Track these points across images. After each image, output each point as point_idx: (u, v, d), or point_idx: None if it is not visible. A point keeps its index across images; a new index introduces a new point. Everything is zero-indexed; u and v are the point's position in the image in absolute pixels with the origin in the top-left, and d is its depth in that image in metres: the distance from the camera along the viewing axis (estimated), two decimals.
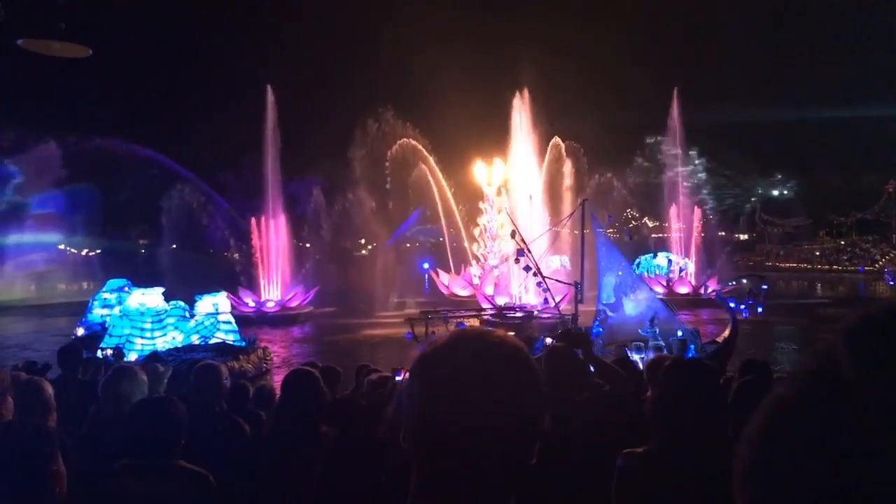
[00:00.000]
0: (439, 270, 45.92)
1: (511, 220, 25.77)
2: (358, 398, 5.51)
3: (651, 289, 22.64)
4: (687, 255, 49.17)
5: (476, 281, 41.82)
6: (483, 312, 25.91)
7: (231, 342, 20.95)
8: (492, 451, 1.08)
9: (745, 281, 35.12)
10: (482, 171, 43.36)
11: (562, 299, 35.31)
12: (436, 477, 1.12)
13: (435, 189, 47.94)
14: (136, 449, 3.08)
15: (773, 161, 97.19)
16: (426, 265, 48.95)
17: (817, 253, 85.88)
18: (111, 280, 26.77)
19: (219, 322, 21.17)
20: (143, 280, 28.16)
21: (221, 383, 5.36)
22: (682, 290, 42.59)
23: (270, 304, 39.38)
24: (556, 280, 25.24)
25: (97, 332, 23.80)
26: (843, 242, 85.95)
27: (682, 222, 52.06)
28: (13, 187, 53.56)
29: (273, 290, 42.12)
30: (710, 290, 43.63)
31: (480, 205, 43.58)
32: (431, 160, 47.46)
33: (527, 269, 21.74)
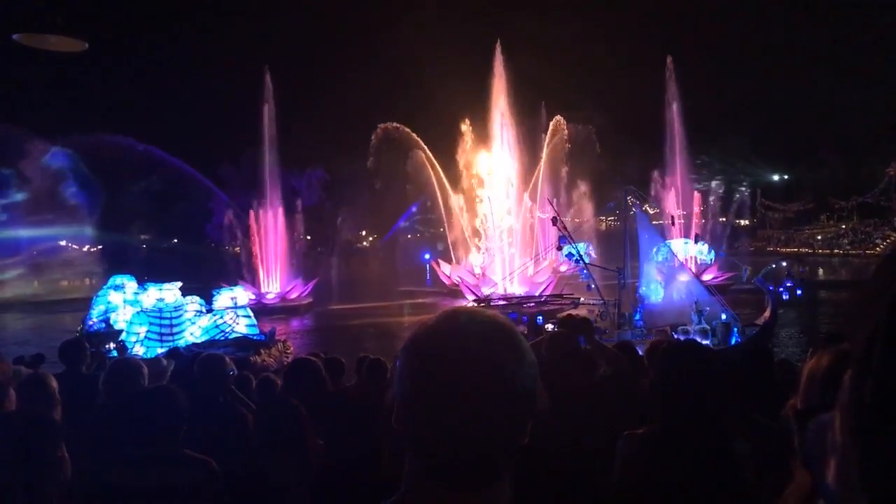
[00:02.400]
0: (440, 261, 45.96)
1: (552, 206, 25.74)
2: (352, 392, 5.53)
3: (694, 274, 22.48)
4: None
5: (478, 270, 41.86)
6: (531, 300, 25.96)
7: (252, 336, 20.69)
8: (484, 430, 1.06)
9: (784, 264, 35.32)
10: (483, 161, 43.31)
11: (547, 287, 35.42)
12: (428, 458, 1.10)
13: (433, 180, 47.90)
14: (138, 438, 3.10)
15: (774, 145, 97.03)
16: (427, 255, 49.00)
17: (818, 237, 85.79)
18: (115, 276, 26.75)
19: (238, 316, 20.93)
20: (145, 275, 28.15)
21: (225, 374, 5.39)
22: (683, 277, 42.46)
23: (271, 296, 39.49)
24: (601, 267, 25.43)
25: (101, 330, 23.74)
26: (844, 227, 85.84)
27: (682, 208, 52.00)
28: (14, 184, 53.52)
29: (273, 282, 42.25)
30: (710, 276, 43.58)
31: (479, 192, 43.51)
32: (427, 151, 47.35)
33: (570, 256, 21.88)
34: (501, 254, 40.87)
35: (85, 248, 64.27)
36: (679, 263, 21.92)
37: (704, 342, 17.66)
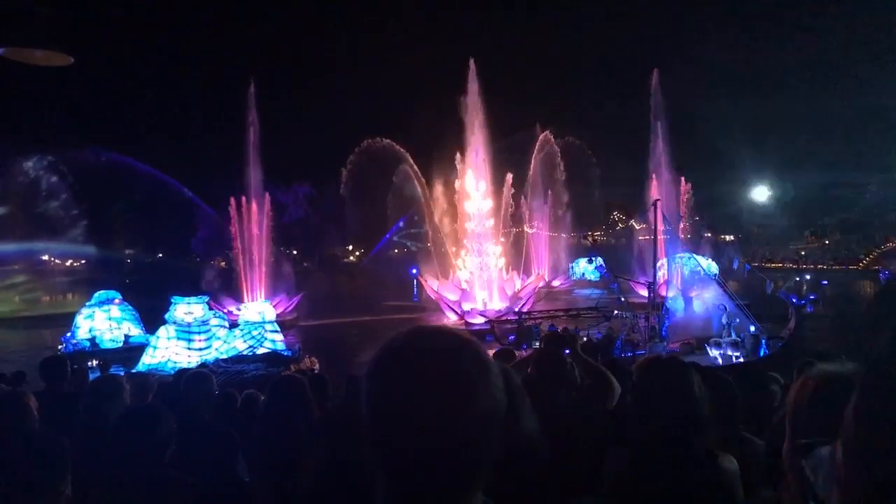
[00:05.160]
0: (427, 276, 45.93)
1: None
2: (335, 410, 5.47)
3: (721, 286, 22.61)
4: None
5: (465, 286, 41.84)
6: (567, 312, 26.11)
7: (281, 352, 20.29)
8: (452, 447, 1.05)
9: (807, 278, 35.92)
10: (470, 179, 43.41)
11: (525, 302, 35.50)
12: (398, 478, 1.08)
13: (420, 194, 47.96)
14: (125, 458, 3.05)
15: (760, 161, 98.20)
16: (414, 270, 49.02)
17: (802, 252, 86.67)
18: (98, 292, 26.42)
19: (266, 331, 20.53)
20: (130, 290, 27.82)
21: (210, 392, 5.33)
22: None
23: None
24: (630, 279, 25.74)
25: (85, 348, 23.38)
26: (827, 242, 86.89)
27: (668, 223, 52.35)
28: None
29: (257, 296, 42.03)
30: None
31: (466, 209, 43.58)
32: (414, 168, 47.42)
33: (600, 268, 22.34)
34: (482, 275, 40.94)
35: (68, 263, 63.62)
36: (704, 277, 22.19)
37: (735, 354, 18.08)
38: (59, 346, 23.93)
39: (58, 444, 2.65)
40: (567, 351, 4.36)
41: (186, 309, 19.74)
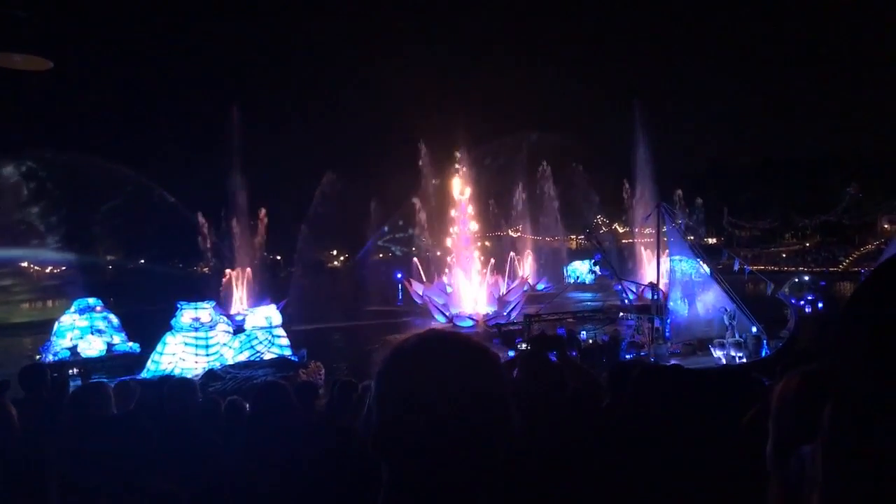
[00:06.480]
0: (412, 280, 45.97)
1: (594, 232, 26.18)
2: (321, 414, 5.45)
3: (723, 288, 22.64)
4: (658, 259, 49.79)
5: (449, 290, 41.86)
6: (575, 315, 26.23)
7: (289, 357, 20.01)
8: (459, 449, 1.05)
9: (806, 279, 36.33)
10: (456, 182, 43.55)
11: (515, 306, 35.60)
12: (404, 478, 1.08)
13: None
14: (104, 464, 3.01)
15: (740, 163, 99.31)
16: (399, 274, 49.02)
17: (783, 255, 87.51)
18: (79, 300, 26.03)
19: (274, 336, 20.33)
20: (111, 296, 27.48)
21: (195, 399, 5.29)
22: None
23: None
24: (634, 282, 25.83)
25: (65, 357, 22.99)
26: (808, 244, 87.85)
27: (651, 227, 52.82)
28: None
29: (240, 302, 41.83)
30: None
31: (452, 213, 43.66)
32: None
33: (604, 270, 22.47)
34: (468, 279, 41.03)
35: (48, 269, 62.83)
36: (706, 277, 22.27)
37: (738, 354, 18.27)
38: (38, 356, 23.46)
39: (44, 450, 2.62)
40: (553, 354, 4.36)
41: (193, 314, 19.45)
